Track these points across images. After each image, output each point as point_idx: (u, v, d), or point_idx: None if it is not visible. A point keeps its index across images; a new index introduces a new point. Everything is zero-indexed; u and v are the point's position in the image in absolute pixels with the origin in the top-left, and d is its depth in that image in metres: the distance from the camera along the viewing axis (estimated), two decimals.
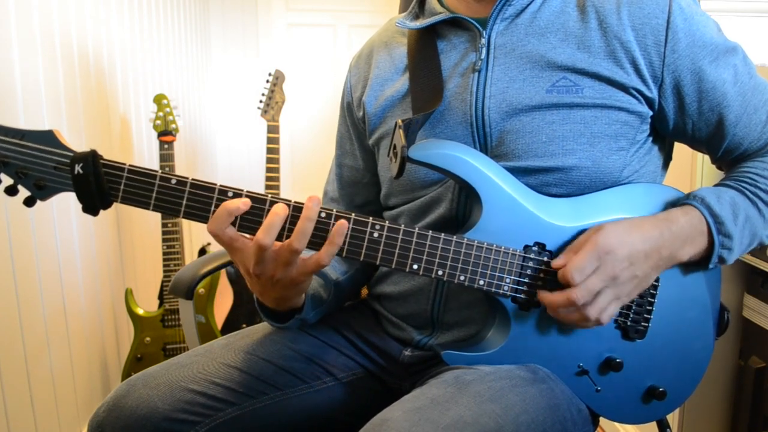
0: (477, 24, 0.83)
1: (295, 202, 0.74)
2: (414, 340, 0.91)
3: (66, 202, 1.61)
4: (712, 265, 0.80)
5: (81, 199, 0.73)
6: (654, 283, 0.80)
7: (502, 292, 0.78)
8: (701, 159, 1.38)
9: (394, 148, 0.77)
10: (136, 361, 1.92)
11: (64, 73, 1.60)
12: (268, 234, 0.71)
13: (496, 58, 0.82)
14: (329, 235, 0.73)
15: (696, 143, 0.86)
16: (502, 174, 0.78)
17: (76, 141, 1.67)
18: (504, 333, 0.79)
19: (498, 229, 0.77)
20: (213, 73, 3.87)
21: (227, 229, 0.72)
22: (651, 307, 0.80)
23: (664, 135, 0.86)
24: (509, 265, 0.77)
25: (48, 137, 0.73)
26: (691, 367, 0.84)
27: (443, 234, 0.76)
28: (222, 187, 0.73)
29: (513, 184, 0.78)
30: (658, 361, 0.82)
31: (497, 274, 0.77)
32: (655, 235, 0.76)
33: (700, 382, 0.85)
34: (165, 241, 1.96)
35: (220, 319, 2.26)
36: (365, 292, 1.06)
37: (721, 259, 0.80)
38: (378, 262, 0.76)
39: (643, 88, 0.79)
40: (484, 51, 0.82)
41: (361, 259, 0.75)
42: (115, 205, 0.74)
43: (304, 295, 0.85)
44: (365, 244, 0.75)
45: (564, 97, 0.79)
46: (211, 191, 0.73)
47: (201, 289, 1.95)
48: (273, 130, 2.27)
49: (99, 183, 0.72)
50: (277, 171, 2.27)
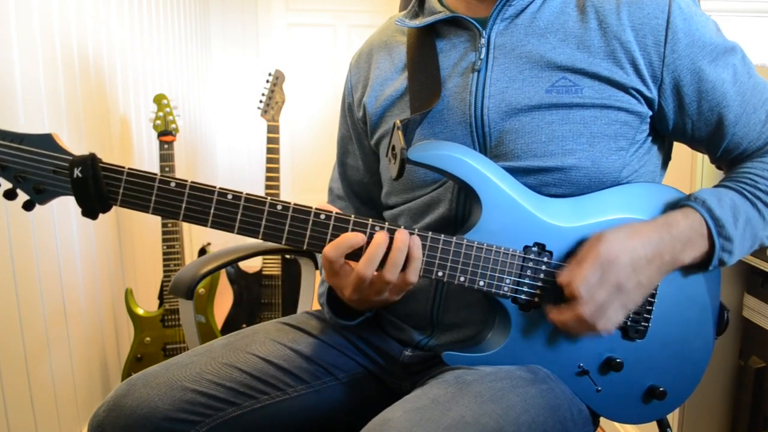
0: (477, 24, 0.83)
1: (389, 227, 0.75)
2: (414, 340, 0.91)
3: (66, 203, 1.60)
4: (712, 268, 0.81)
5: (80, 202, 0.73)
6: None
7: (502, 292, 0.78)
8: (701, 159, 1.37)
9: (393, 149, 0.77)
10: (136, 361, 1.92)
11: (64, 73, 1.60)
12: (369, 265, 0.73)
13: (496, 58, 0.82)
14: (410, 251, 0.74)
15: (695, 143, 0.86)
16: (502, 174, 0.78)
17: (75, 141, 1.67)
18: (504, 334, 0.79)
19: (497, 230, 0.77)
20: (213, 73, 3.87)
21: (342, 257, 0.74)
22: (651, 307, 0.81)
23: (664, 135, 0.86)
24: (509, 266, 0.77)
25: (47, 141, 0.72)
26: (691, 367, 0.84)
27: (443, 235, 0.76)
28: (221, 190, 0.73)
29: (512, 185, 0.78)
30: (659, 361, 0.82)
31: (497, 275, 0.77)
32: (656, 240, 0.76)
33: (700, 382, 0.85)
34: (165, 241, 1.96)
35: (220, 319, 2.26)
36: None
37: (722, 262, 0.80)
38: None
39: (642, 88, 0.79)
40: (484, 51, 0.82)
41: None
42: (114, 206, 0.74)
43: None
44: (365, 246, 0.75)
45: (563, 97, 0.79)
46: (210, 194, 0.73)
47: (201, 289, 1.95)
48: (273, 130, 2.27)
49: (98, 186, 0.72)
50: (277, 171, 2.27)
